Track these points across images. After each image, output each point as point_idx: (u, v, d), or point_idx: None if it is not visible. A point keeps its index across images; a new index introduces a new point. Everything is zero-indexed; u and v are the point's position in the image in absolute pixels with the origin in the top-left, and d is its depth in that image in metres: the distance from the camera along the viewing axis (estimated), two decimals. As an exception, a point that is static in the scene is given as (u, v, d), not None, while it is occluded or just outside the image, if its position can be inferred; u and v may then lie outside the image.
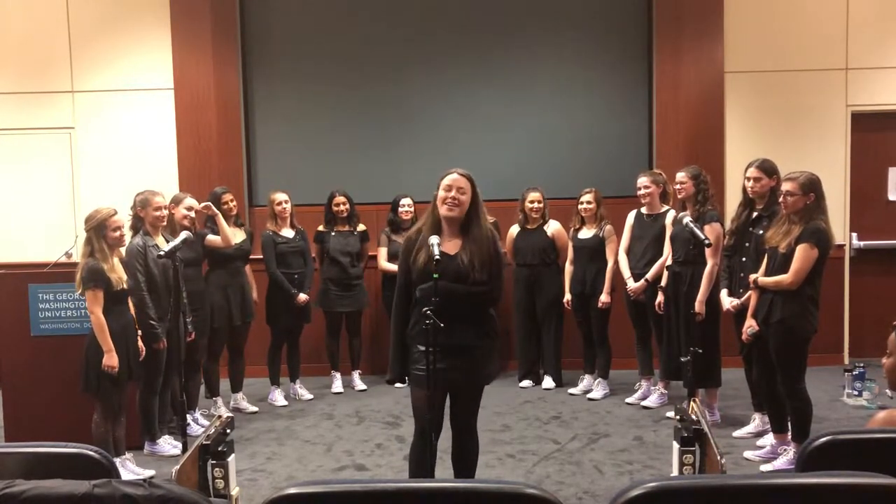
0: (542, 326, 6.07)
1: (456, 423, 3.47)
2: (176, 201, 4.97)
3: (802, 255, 4.02)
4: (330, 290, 5.94)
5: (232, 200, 5.43)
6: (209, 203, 5.19)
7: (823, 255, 4.06)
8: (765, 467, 4.31)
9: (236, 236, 5.38)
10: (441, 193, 3.33)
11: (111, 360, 4.08)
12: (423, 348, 3.28)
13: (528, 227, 6.00)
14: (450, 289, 3.21)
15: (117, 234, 4.20)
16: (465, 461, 3.51)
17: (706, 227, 4.78)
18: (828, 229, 4.08)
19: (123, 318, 4.24)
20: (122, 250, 4.37)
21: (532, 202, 5.94)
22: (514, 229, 6.07)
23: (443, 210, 3.33)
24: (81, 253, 4.19)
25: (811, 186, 4.07)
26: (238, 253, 5.37)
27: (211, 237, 5.19)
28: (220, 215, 5.16)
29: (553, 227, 5.99)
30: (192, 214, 4.97)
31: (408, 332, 3.41)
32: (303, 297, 5.68)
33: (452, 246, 3.35)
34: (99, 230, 4.13)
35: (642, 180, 5.43)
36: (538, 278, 5.99)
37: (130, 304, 4.36)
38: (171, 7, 6.53)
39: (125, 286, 4.20)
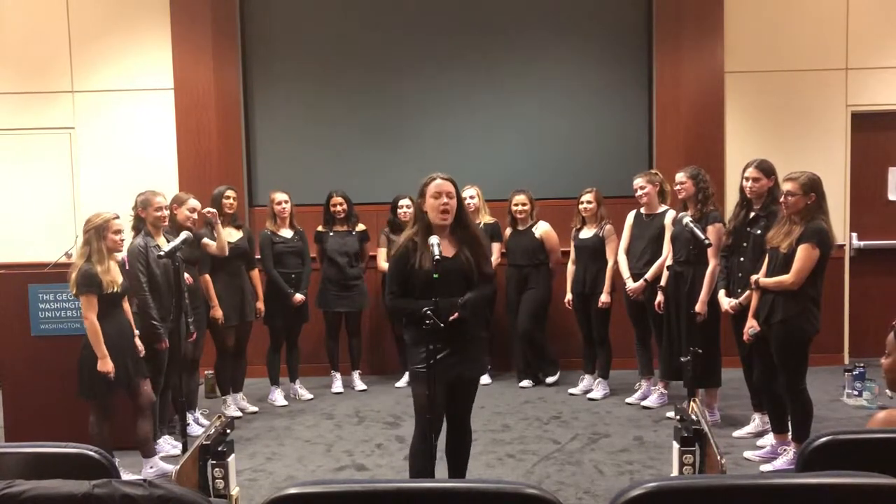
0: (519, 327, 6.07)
1: (454, 421, 3.55)
2: (179, 202, 4.95)
3: (804, 256, 4.02)
4: (328, 291, 5.94)
5: (232, 199, 5.43)
6: (214, 210, 5.16)
7: (825, 255, 4.06)
8: (765, 467, 4.31)
9: (232, 236, 5.38)
10: (431, 202, 3.39)
11: (105, 366, 4.07)
12: (426, 348, 3.32)
13: (518, 228, 6.02)
14: (474, 300, 3.38)
15: (117, 237, 4.20)
16: (460, 456, 3.62)
17: (709, 228, 4.79)
18: (829, 229, 4.08)
19: (119, 320, 4.23)
20: (119, 254, 4.36)
21: (517, 205, 5.96)
22: (507, 230, 6.11)
23: (437, 220, 3.39)
24: (79, 254, 4.18)
25: (812, 186, 4.07)
26: (236, 252, 5.36)
27: (207, 241, 5.16)
28: (219, 224, 5.14)
29: (542, 228, 6.00)
30: (195, 216, 4.96)
31: (411, 334, 3.45)
32: (299, 297, 5.68)
33: (449, 247, 3.41)
34: (100, 231, 4.13)
35: (638, 181, 5.44)
36: (527, 279, 6.00)
37: (125, 306, 4.35)
38: (171, 7, 6.53)
39: (117, 289, 4.18)
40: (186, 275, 4.73)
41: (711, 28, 6.46)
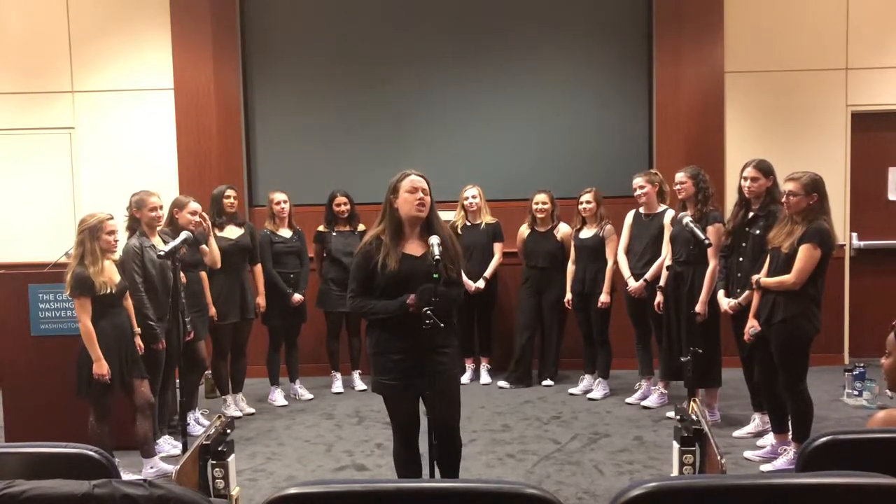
0: (544, 328, 6.07)
1: (439, 431, 3.24)
2: (179, 206, 4.93)
3: (805, 256, 4.02)
4: (332, 291, 5.93)
5: (233, 198, 5.42)
6: (206, 217, 5.10)
7: (826, 255, 4.05)
8: (765, 467, 4.31)
9: (233, 233, 5.39)
10: (407, 196, 3.31)
11: (100, 368, 4.06)
12: (396, 357, 3.26)
13: (539, 228, 6.01)
14: (444, 294, 3.19)
15: (111, 238, 4.17)
16: (451, 461, 3.46)
17: (709, 228, 4.79)
18: (831, 230, 4.08)
19: (117, 320, 4.22)
20: (116, 255, 4.33)
21: (537, 203, 5.95)
22: (525, 230, 6.08)
23: (413, 212, 3.31)
24: (73, 254, 4.17)
25: (814, 186, 4.06)
26: (237, 249, 5.36)
27: (204, 248, 5.11)
28: (212, 235, 5.11)
29: (563, 230, 5.99)
30: (198, 218, 4.92)
31: (375, 341, 3.33)
32: (297, 297, 5.69)
33: (417, 247, 3.32)
34: (94, 232, 4.11)
35: (637, 181, 5.44)
36: (547, 281, 5.99)
37: (127, 304, 4.33)
38: (171, 7, 6.53)
39: (112, 290, 4.15)
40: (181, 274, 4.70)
41: (711, 28, 6.46)
